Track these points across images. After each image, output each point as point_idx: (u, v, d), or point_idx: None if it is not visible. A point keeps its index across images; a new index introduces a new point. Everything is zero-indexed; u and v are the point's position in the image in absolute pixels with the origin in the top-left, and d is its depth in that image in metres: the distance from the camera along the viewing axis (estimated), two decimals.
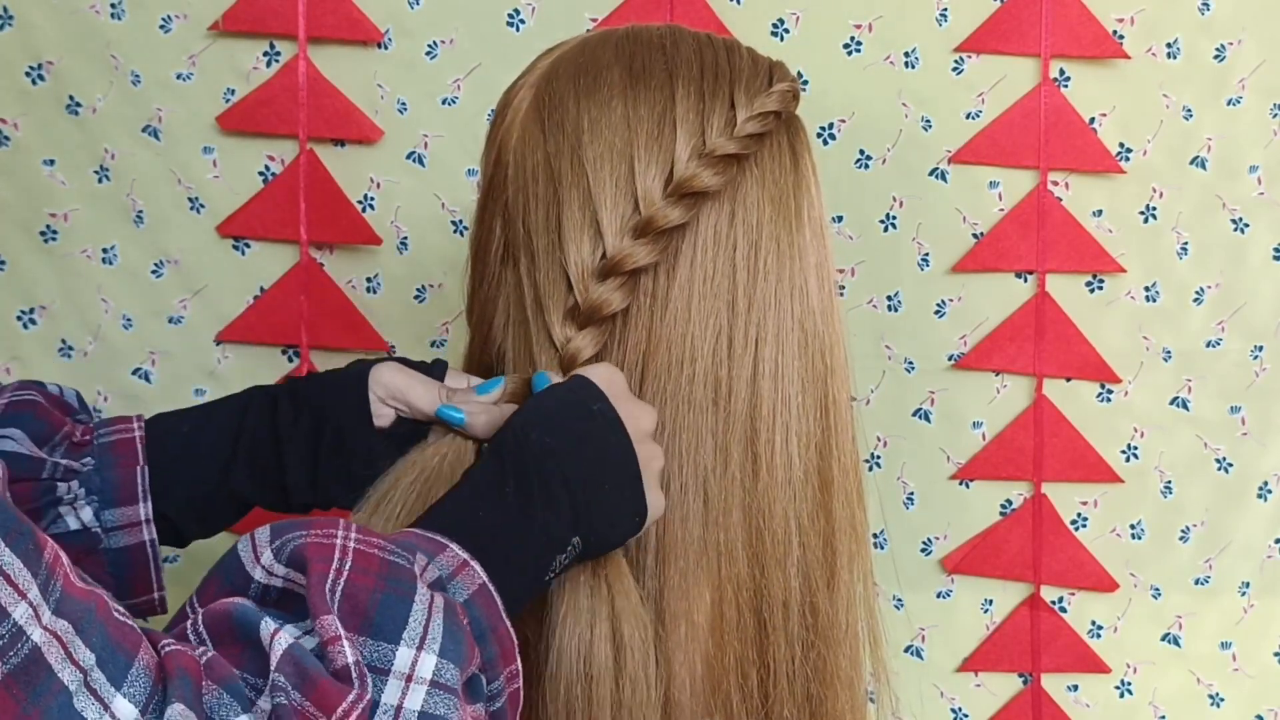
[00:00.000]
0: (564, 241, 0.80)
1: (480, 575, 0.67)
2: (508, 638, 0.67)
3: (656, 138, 0.81)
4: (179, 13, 1.28)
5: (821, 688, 0.82)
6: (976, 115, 1.33)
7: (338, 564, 0.61)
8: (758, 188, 0.83)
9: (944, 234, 1.35)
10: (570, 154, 0.81)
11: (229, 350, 1.33)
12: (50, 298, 1.31)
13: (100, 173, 1.29)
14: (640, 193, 0.80)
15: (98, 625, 0.53)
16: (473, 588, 0.66)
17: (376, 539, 0.64)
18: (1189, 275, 1.36)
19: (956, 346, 1.36)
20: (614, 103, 0.81)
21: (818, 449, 0.83)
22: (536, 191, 0.82)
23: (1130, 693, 1.41)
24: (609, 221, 0.80)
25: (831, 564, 0.83)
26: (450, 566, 0.66)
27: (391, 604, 0.61)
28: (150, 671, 0.54)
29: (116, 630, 0.54)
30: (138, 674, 0.54)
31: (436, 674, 0.60)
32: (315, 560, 0.61)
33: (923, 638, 1.40)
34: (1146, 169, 1.34)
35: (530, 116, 0.84)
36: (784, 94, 0.85)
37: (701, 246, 0.81)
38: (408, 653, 0.60)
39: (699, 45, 0.85)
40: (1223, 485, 1.38)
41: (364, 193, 1.32)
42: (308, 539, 0.62)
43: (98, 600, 0.54)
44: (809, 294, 0.83)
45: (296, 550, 0.62)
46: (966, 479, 1.38)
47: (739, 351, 0.81)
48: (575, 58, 0.86)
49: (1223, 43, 1.32)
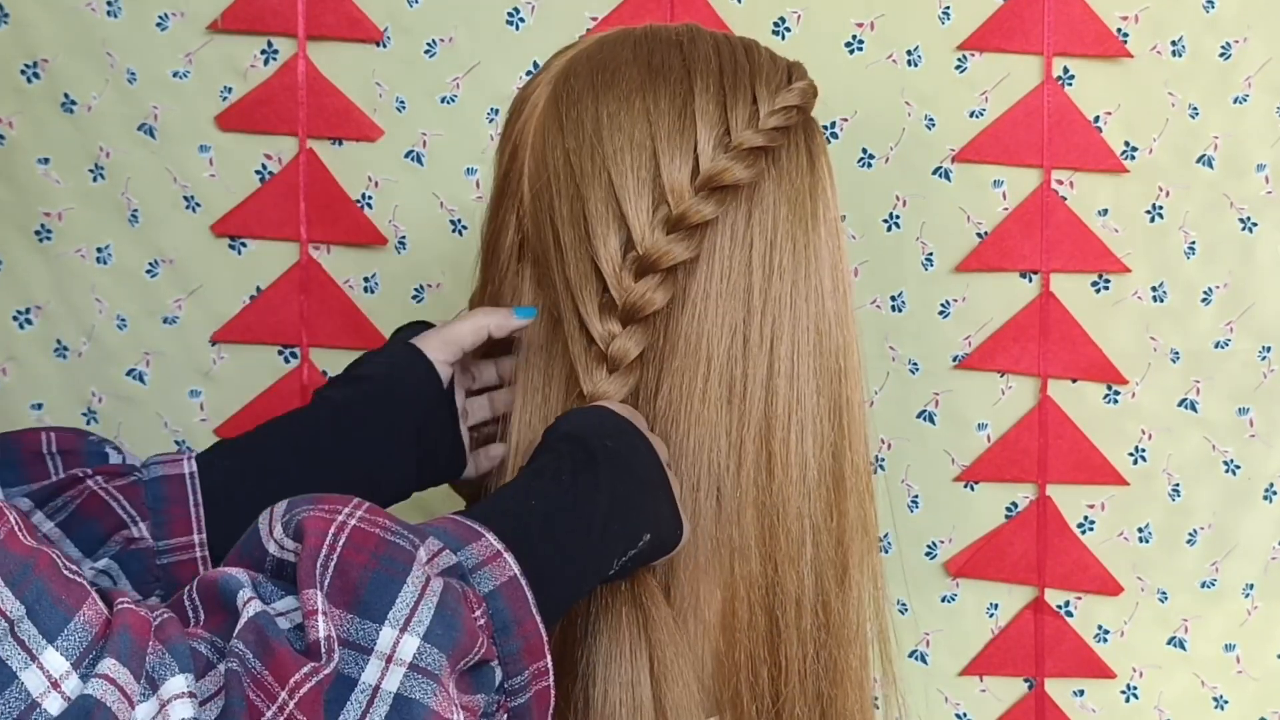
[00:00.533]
0: (591, 235, 0.81)
1: (512, 567, 0.66)
2: (536, 634, 0.66)
3: (679, 130, 0.81)
4: (176, 10, 1.27)
5: (832, 687, 0.82)
6: (980, 114, 1.33)
7: (331, 539, 0.61)
8: (775, 187, 0.83)
9: (948, 233, 1.34)
10: (590, 148, 0.81)
11: (225, 350, 1.32)
12: (45, 297, 1.29)
13: (95, 171, 1.28)
14: (668, 186, 0.80)
15: (35, 579, 0.53)
16: (501, 579, 0.65)
17: (384, 519, 0.63)
18: (1196, 275, 1.35)
19: (961, 347, 1.35)
20: (633, 97, 0.82)
21: (832, 449, 0.84)
22: (559, 188, 0.82)
23: (1136, 697, 1.40)
24: (634, 214, 0.80)
25: (844, 563, 0.84)
26: (480, 556, 0.66)
27: (381, 582, 0.60)
28: (92, 627, 0.54)
29: (60, 586, 0.54)
30: (76, 628, 0.54)
31: (417, 657, 0.59)
32: (311, 534, 0.61)
33: (927, 642, 1.39)
34: (1152, 168, 1.33)
35: (548, 112, 0.85)
36: (804, 90, 0.86)
37: (719, 245, 0.82)
38: (390, 633, 0.59)
39: (717, 43, 0.86)
40: (1230, 487, 1.37)
41: (362, 191, 1.30)
42: (310, 513, 0.62)
43: (40, 556, 0.55)
44: (824, 294, 0.84)
45: (299, 524, 0.62)
46: (971, 481, 1.37)
47: (754, 350, 0.82)
48: (593, 55, 0.86)
49: (1228, 40, 1.31)
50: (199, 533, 0.84)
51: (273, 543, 0.63)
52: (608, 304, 0.81)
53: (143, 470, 0.85)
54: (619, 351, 0.80)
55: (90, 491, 0.82)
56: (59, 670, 0.53)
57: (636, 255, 0.80)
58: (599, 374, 0.80)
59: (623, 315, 0.80)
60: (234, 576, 0.61)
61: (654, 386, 0.81)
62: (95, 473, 0.83)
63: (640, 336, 0.80)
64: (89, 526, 0.82)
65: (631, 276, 0.80)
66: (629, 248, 0.80)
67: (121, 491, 0.83)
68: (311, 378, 1.31)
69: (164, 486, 0.84)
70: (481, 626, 0.63)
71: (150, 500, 0.83)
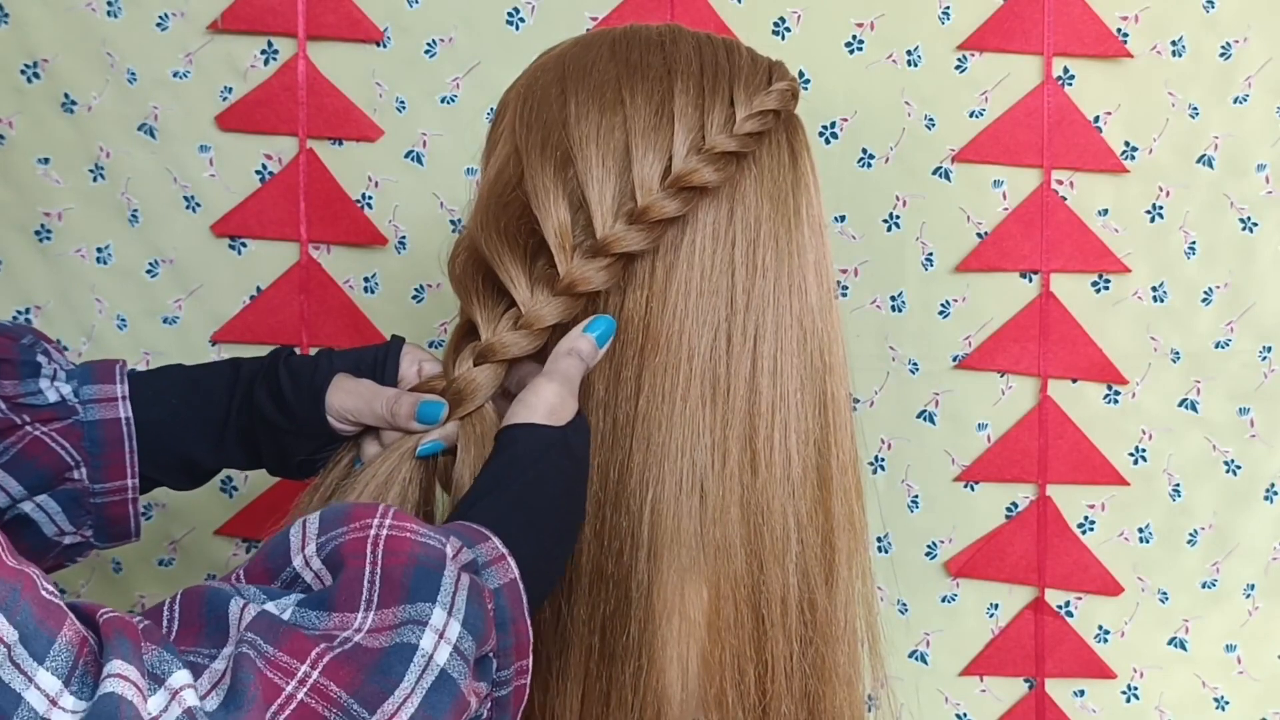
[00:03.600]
0: (540, 207, 0.79)
1: (513, 570, 0.70)
2: (525, 634, 0.69)
3: (655, 128, 0.81)
4: (176, 10, 1.27)
5: (820, 684, 0.82)
6: (980, 114, 1.32)
7: (371, 556, 0.64)
8: (756, 185, 0.83)
9: (948, 233, 1.34)
10: (558, 129, 0.81)
11: (225, 350, 1.32)
12: (45, 297, 1.30)
13: (95, 171, 1.29)
14: (638, 180, 0.79)
15: (23, 604, 0.55)
16: (505, 579, 0.69)
17: (411, 524, 0.67)
18: (1197, 275, 1.34)
19: (961, 347, 1.35)
20: (606, 90, 0.82)
21: (816, 446, 0.83)
22: (519, 170, 0.82)
23: (1136, 697, 1.39)
24: (596, 200, 0.79)
25: (830, 561, 0.83)
26: (489, 556, 0.70)
27: (425, 574, 0.64)
28: (73, 646, 0.56)
29: (41, 609, 0.56)
30: (60, 649, 0.56)
31: (459, 640, 0.63)
32: (351, 557, 0.64)
33: (927, 642, 1.39)
34: (1153, 168, 1.33)
35: (515, 107, 0.85)
36: (783, 93, 0.85)
37: (700, 243, 0.81)
38: (441, 614, 0.63)
39: (698, 43, 0.86)
40: (1231, 487, 1.37)
41: (362, 191, 1.31)
42: (346, 538, 0.65)
43: (25, 579, 0.56)
44: (807, 291, 0.83)
45: (336, 552, 0.65)
46: (971, 481, 1.37)
47: (737, 348, 0.81)
48: (566, 52, 0.87)
49: (1228, 40, 1.31)
50: (132, 477, 0.89)
51: (300, 557, 0.66)
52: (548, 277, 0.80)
53: (82, 410, 0.88)
54: (534, 315, 0.80)
55: (31, 436, 0.86)
56: (53, 689, 0.55)
57: (592, 242, 0.79)
58: (503, 326, 0.80)
59: (560, 288, 0.79)
60: (220, 590, 0.63)
61: (634, 385, 0.80)
62: (34, 420, 0.86)
63: (563, 309, 0.80)
64: (32, 466, 0.86)
65: (584, 257, 0.79)
66: (587, 233, 0.79)
67: (61, 434, 0.87)
68: None
69: (102, 430, 0.88)
70: (492, 619, 0.67)
71: (89, 444, 0.88)
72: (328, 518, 0.67)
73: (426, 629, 0.62)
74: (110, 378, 0.89)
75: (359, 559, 0.64)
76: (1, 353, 0.86)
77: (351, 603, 0.63)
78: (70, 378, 0.89)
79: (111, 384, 0.89)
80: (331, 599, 0.63)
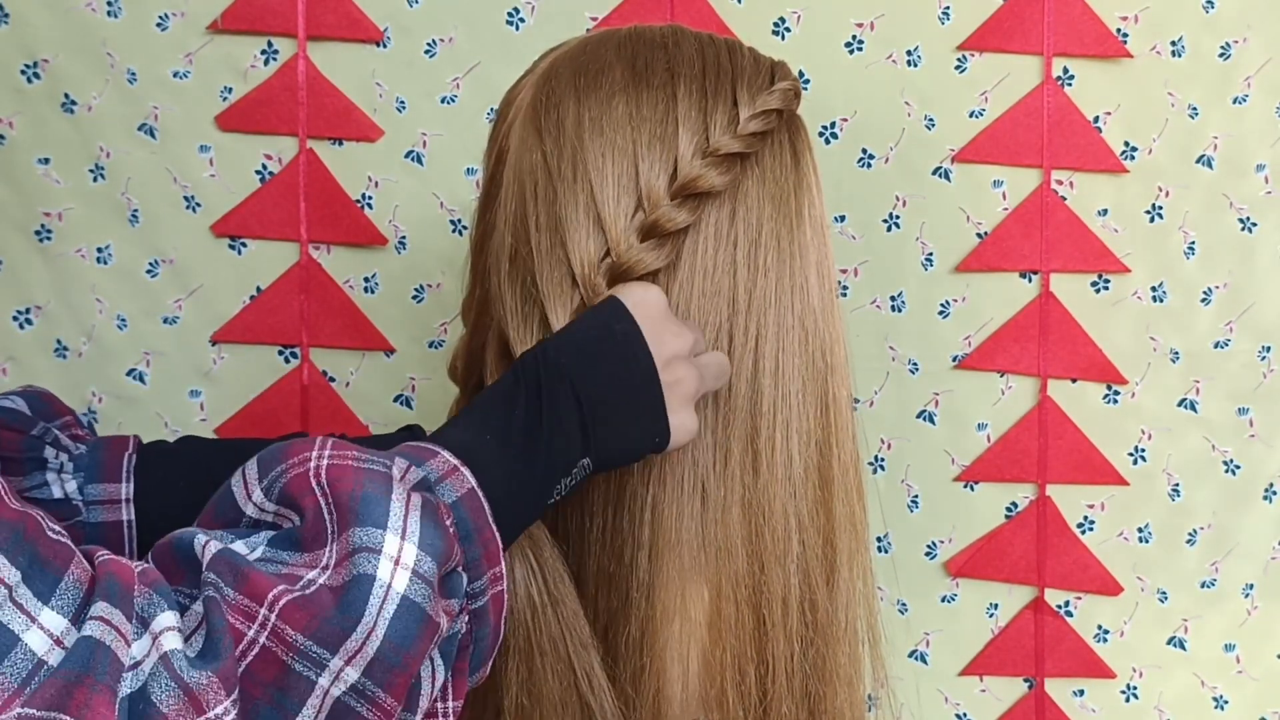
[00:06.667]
0: (566, 239, 0.80)
1: (469, 480, 0.69)
2: (493, 541, 0.69)
3: (660, 136, 0.81)
4: (176, 10, 1.27)
5: (821, 685, 0.82)
6: (980, 114, 1.32)
7: (317, 489, 0.64)
8: (758, 186, 0.83)
9: (947, 233, 1.34)
10: (571, 152, 0.81)
11: (225, 350, 1.32)
12: (45, 297, 1.30)
13: (95, 171, 1.28)
14: (645, 191, 0.79)
15: (26, 544, 0.56)
16: (461, 490, 0.69)
17: (351, 450, 0.66)
18: (1196, 275, 1.34)
19: (960, 347, 1.35)
20: (615, 101, 0.81)
21: (818, 446, 0.83)
22: (535, 191, 0.81)
23: (1136, 697, 1.39)
24: (612, 219, 0.79)
25: (831, 561, 0.83)
26: (440, 470, 0.69)
27: (372, 499, 0.64)
28: (82, 584, 0.57)
29: (47, 548, 0.57)
30: (67, 587, 0.56)
31: (417, 564, 0.63)
32: (301, 496, 0.64)
33: (927, 642, 1.39)
34: (1152, 168, 1.33)
35: (528, 115, 0.84)
36: (786, 92, 0.85)
37: (702, 244, 0.81)
38: (394, 539, 0.63)
39: (701, 44, 0.86)
40: (1230, 487, 1.37)
41: (362, 191, 1.31)
42: (290, 474, 0.65)
43: (28, 520, 0.57)
44: (809, 292, 0.83)
45: (284, 491, 0.65)
46: (971, 481, 1.37)
47: (739, 348, 0.81)
48: (576, 56, 0.86)
49: (1228, 40, 1.31)
50: None
51: (251, 505, 0.66)
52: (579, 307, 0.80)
53: (85, 511, 0.88)
54: None
55: None
56: (59, 628, 0.55)
57: (611, 262, 0.79)
58: None
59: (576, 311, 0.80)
60: (184, 533, 0.63)
61: None
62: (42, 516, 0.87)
63: None
64: None
65: (605, 281, 0.79)
66: (605, 254, 0.80)
67: (65, 531, 0.87)
68: (312, 378, 1.31)
69: (103, 532, 0.89)
70: (453, 534, 0.66)
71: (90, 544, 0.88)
72: (264, 459, 0.67)
73: (381, 557, 0.62)
74: (117, 474, 0.89)
75: (310, 495, 0.64)
76: (9, 450, 0.86)
77: (320, 539, 0.63)
78: (78, 469, 0.89)
79: (117, 483, 0.89)
80: (301, 537, 0.63)
